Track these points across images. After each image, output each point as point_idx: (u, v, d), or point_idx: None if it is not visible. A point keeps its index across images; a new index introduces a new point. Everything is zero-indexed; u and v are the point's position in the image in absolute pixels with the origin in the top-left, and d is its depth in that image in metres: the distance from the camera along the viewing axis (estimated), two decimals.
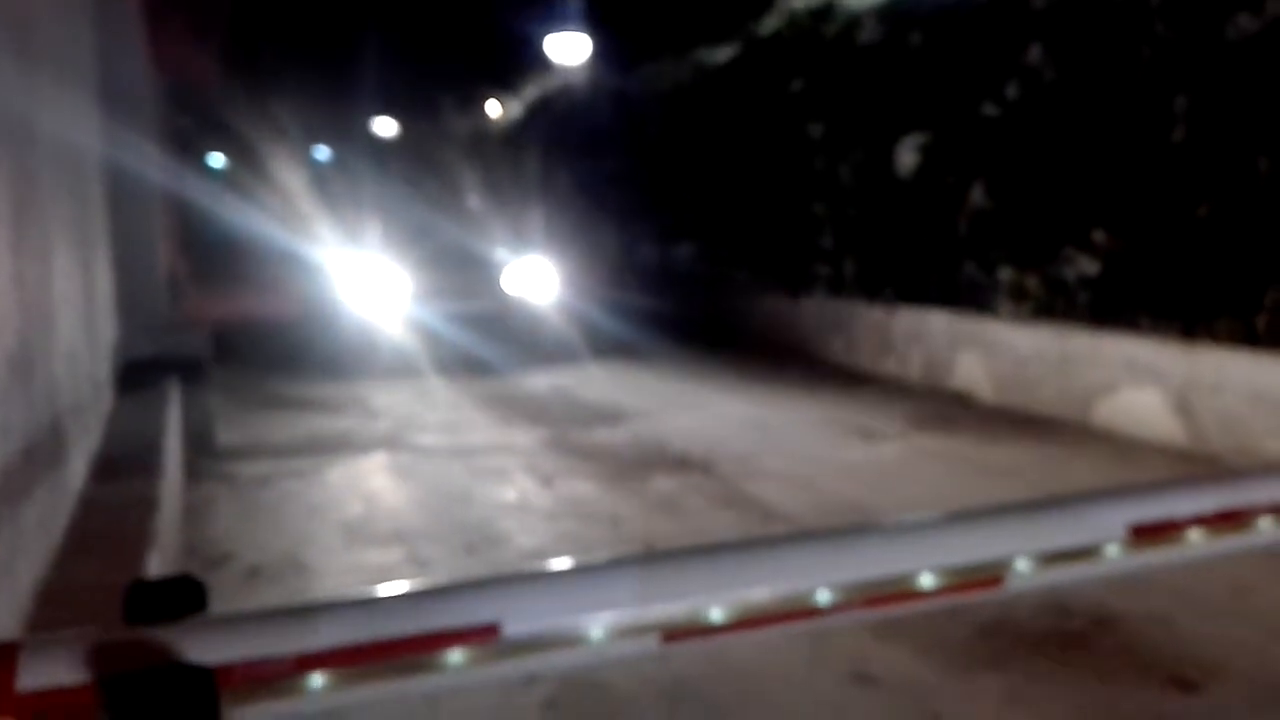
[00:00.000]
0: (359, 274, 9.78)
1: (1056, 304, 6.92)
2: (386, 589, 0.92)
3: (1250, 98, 5.37)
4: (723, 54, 10.97)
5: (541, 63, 16.02)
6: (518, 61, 16.82)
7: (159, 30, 8.40)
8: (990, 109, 7.15)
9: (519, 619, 0.90)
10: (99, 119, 5.60)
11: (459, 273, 10.22)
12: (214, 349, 7.04)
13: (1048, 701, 3.09)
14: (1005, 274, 7.34)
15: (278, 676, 0.85)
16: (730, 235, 11.13)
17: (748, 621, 0.97)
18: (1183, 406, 6.00)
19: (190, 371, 6.11)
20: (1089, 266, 6.52)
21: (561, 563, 0.97)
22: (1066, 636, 3.51)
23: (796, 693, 3.17)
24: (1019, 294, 7.26)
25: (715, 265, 11.55)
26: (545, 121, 16.29)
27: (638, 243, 13.39)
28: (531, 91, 16.99)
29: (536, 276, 10.51)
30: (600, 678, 3.19)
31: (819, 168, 9.27)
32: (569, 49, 14.97)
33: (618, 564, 1.00)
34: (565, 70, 15.53)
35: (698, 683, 3.18)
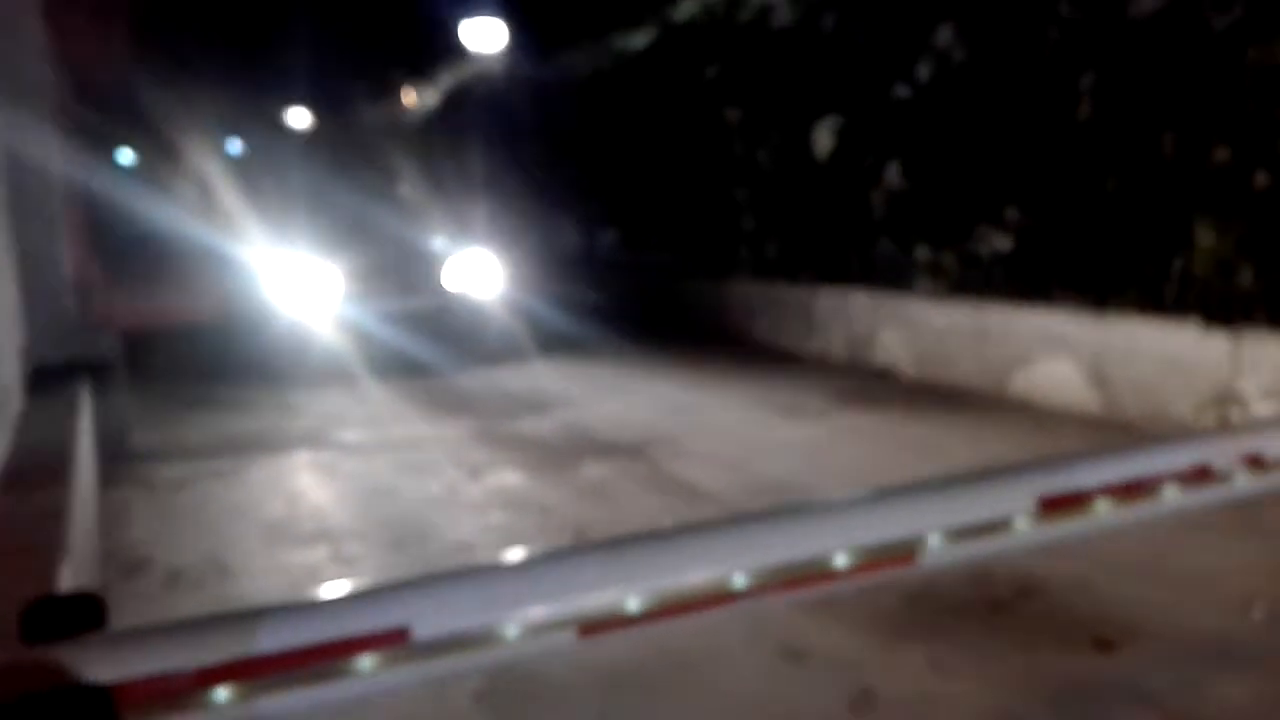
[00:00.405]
0: (285, 273, 8.99)
1: (972, 280, 7.07)
2: (292, 598, 0.89)
3: (1152, 74, 5.53)
4: (639, 40, 10.95)
5: (457, 50, 15.80)
6: (432, 49, 16.55)
7: (58, 17, 8.05)
8: (903, 90, 7.26)
9: (429, 621, 0.88)
10: None
11: (394, 268, 9.43)
12: (129, 355, 6.74)
13: (972, 668, 3.16)
14: (922, 252, 7.47)
15: (180, 691, 0.81)
16: (654, 221, 11.14)
17: (665, 610, 0.97)
18: (1096, 376, 6.18)
19: (101, 375, 5.91)
20: (1002, 243, 6.67)
21: (472, 562, 0.95)
22: (990, 604, 3.60)
23: (730, 671, 3.19)
24: (935, 271, 7.40)
25: (639, 252, 11.56)
26: (462, 110, 16.09)
27: (560, 232, 13.33)
28: (447, 80, 16.75)
29: (477, 270, 9.73)
30: (532, 668, 3.17)
31: (738, 152, 9.32)
32: (484, 36, 14.76)
33: (529, 560, 0.99)
34: (481, 58, 15.32)
35: (631, 667, 3.18)
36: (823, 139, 8.09)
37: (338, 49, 17.94)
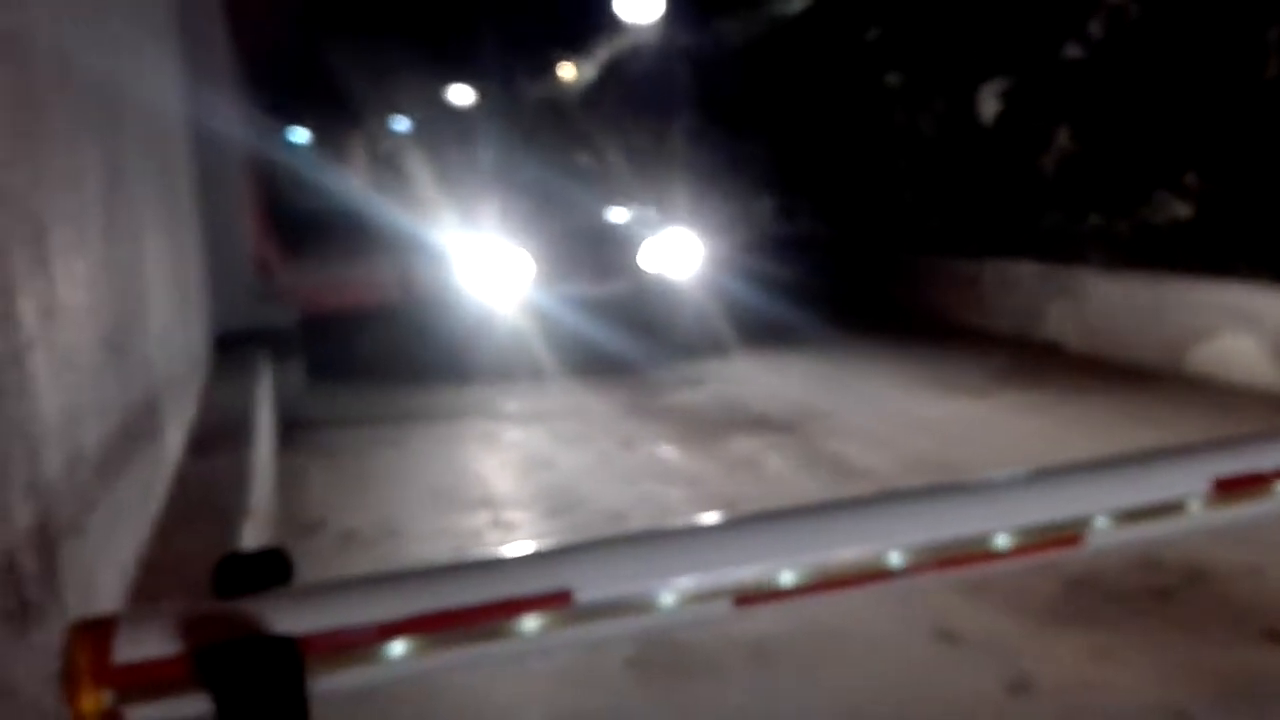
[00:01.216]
0: (470, 255, 8.11)
1: (1148, 251, 6.69)
2: (463, 557, 0.95)
3: None
4: (796, 4, 10.74)
5: (612, 23, 15.91)
6: (589, 22, 16.72)
7: None
8: (1074, 50, 6.89)
9: (591, 585, 0.92)
10: (182, 83, 5.46)
11: (587, 250, 8.37)
12: (306, 340, 7.01)
13: (1136, 657, 3.03)
14: (1094, 220, 7.12)
15: (360, 644, 0.88)
16: (813, 192, 10.93)
17: (819, 585, 0.98)
18: None
19: (279, 345, 6.26)
20: (1182, 210, 6.28)
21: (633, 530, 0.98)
22: (1156, 591, 3.43)
23: (883, 651, 3.16)
24: (1108, 241, 7.04)
25: (798, 222, 11.36)
26: (620, 84, 16.15)
27: (712, 204, 13.21)
28: (603, 54, 16.87)
29: (677, 251, 8.58)
30: (683, 639, 3.20)
31: (901, 121, 9.05)
32: (640, 7, 14.82)
33: (688, 529, 1.01)
34: (638, 29, 15.38)
35: (782, 643, 3.18)
36: (989, 103, 7.78)
37: (497, 24, 18.35)
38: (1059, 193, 7.37)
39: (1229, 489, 1.07)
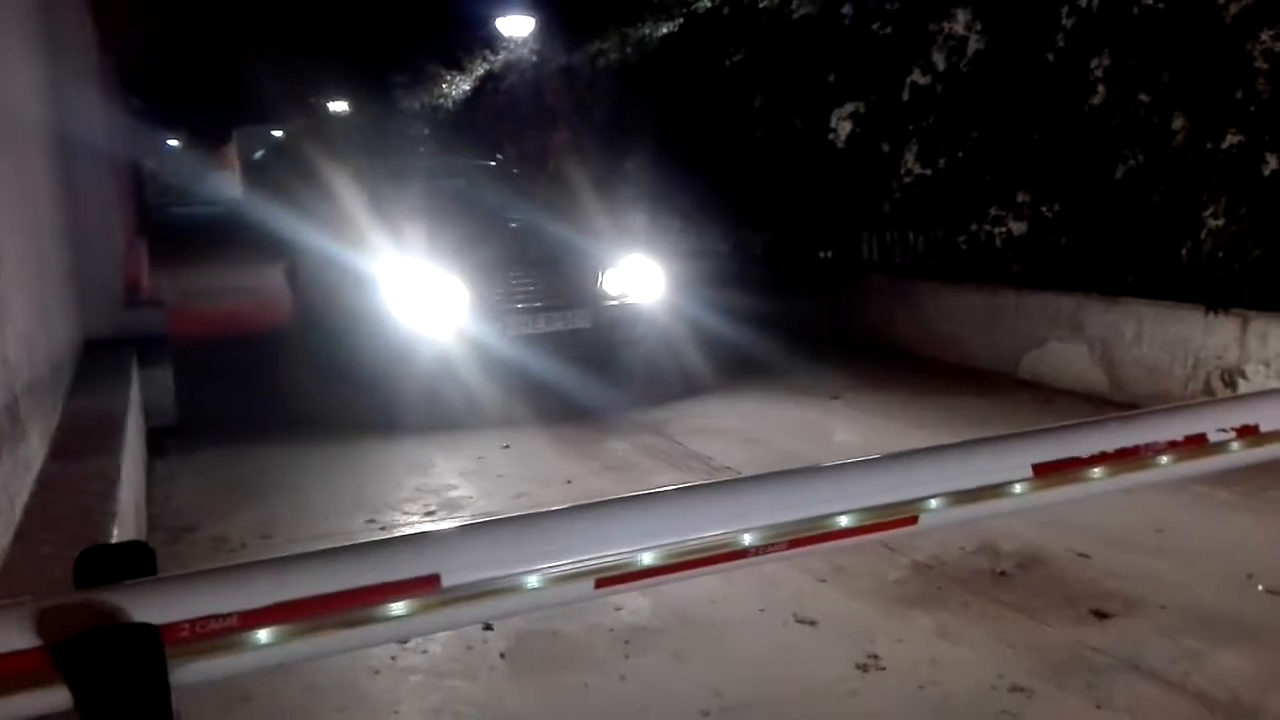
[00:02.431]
0: (384, 277, 6.43)
1: (985, 265, 7.11)
2: (330, 547, 0.96)
3: (1160, 59, 5.51)
4: (664, 28, 10.89)
5: (490, 38, 15.96)
6: (464, 38, 16.69)
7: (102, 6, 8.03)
8: (920, 78, 7.25)
9: (457, 569, 0.95)
10: (44, 87, 5.27)
11: (537, 277, 6.73)
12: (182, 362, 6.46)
13: (977, 635, 3.23)
14: (935, 236, 7.51)
15: (223, 633, 0.88)
16: (687, 209, 11.02)
17: (676, 565, 1.03)
18: (1106, 358, 6.23)
19: (149, 349, 5.98)
20: (1015, 227, 6.67)
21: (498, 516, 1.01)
22: (995, 575, 3.67)
23: (745, 637, 3.29)
24: (947, 255, 7.43)
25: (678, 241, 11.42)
26: (493, 99, 16.00)
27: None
28: (479, 68, 16.74)
29: (636, 277, 7.08)
30: (557, 627, 3.29)
31: (764, 142, 9.28)
32: (514, 23, 15.04)
33: (550, 514, 1.05)
34: (512, 45, 15.43)
35: (652, 632, 3.29)
36: (843, 126, 8.08)
37: (374, 39, 17.98)
38: (906, 211, 7.73)
39: (1049, 472, 1.18)
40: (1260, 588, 3.47)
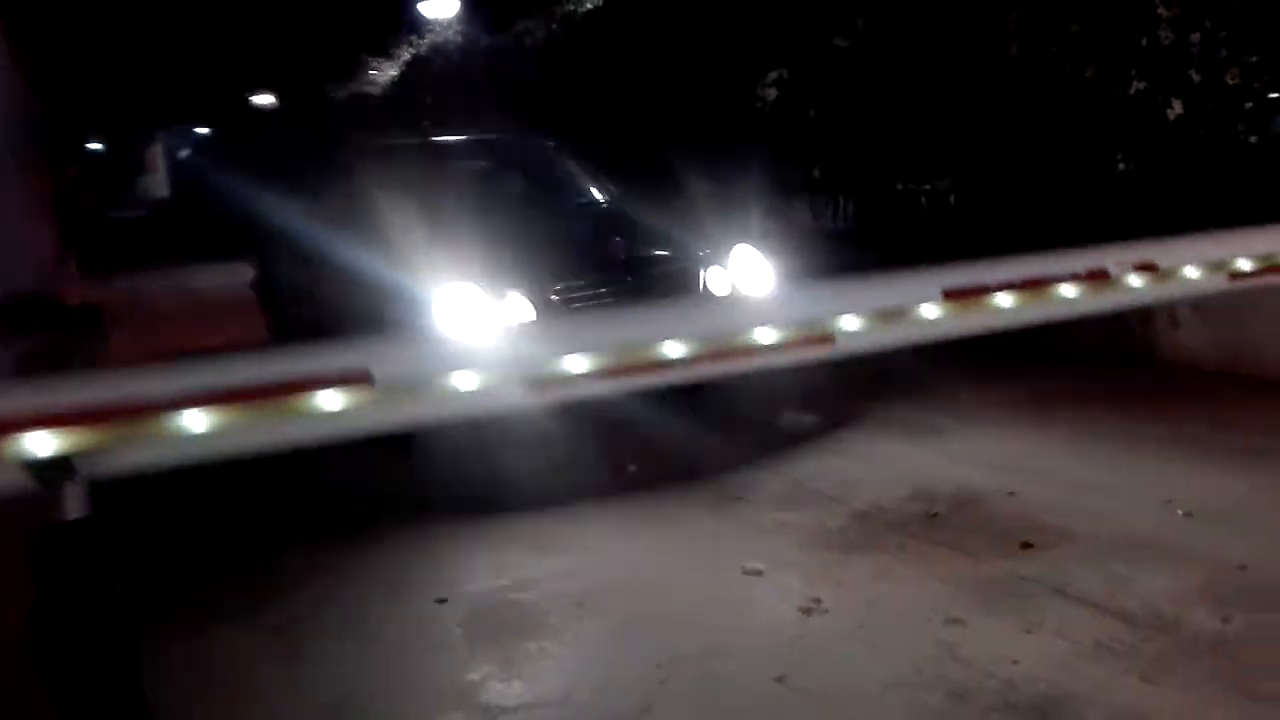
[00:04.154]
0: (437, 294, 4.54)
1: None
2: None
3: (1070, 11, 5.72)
4: (589, 3, 10.89)
5: (412, 23, 15.78)
6: (389, 23, 16.44)
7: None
8: (842, 41, 7.43)
9: (389, 367, 0.97)
10: None
11: (623, 285, 4.87)
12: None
13: (914, 574, 3.32)
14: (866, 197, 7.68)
15: (153, 412, 0.89)
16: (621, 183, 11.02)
17: (606, 373, 1.06)
18: None
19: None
20: (938, 184, 6.86)
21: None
22: (929, 517, 3.77)
23: (693, 592, 3.33)
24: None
25: None
26: (420, 83, 15.81)
27: None
28: (403, 53, 16.57)
29: (747, 275, 5.23)
30: (514, 598, 3.33)
31: (693, 112, 9.34)
32: (438, 5, 14.96)
33: (485, 330, 1.07)
34: (438, 28, 15.33)
35: (604, 595, 3.32)
36: (769, 92, 8.22)
37: (297, 28, 17.68)
38: (828, 173, 7.88)
39: (958, 297, 1.24)
40: (1180, 512, 3.60)
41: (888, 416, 5.09)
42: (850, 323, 1.16)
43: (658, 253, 5.24)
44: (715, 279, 5.14)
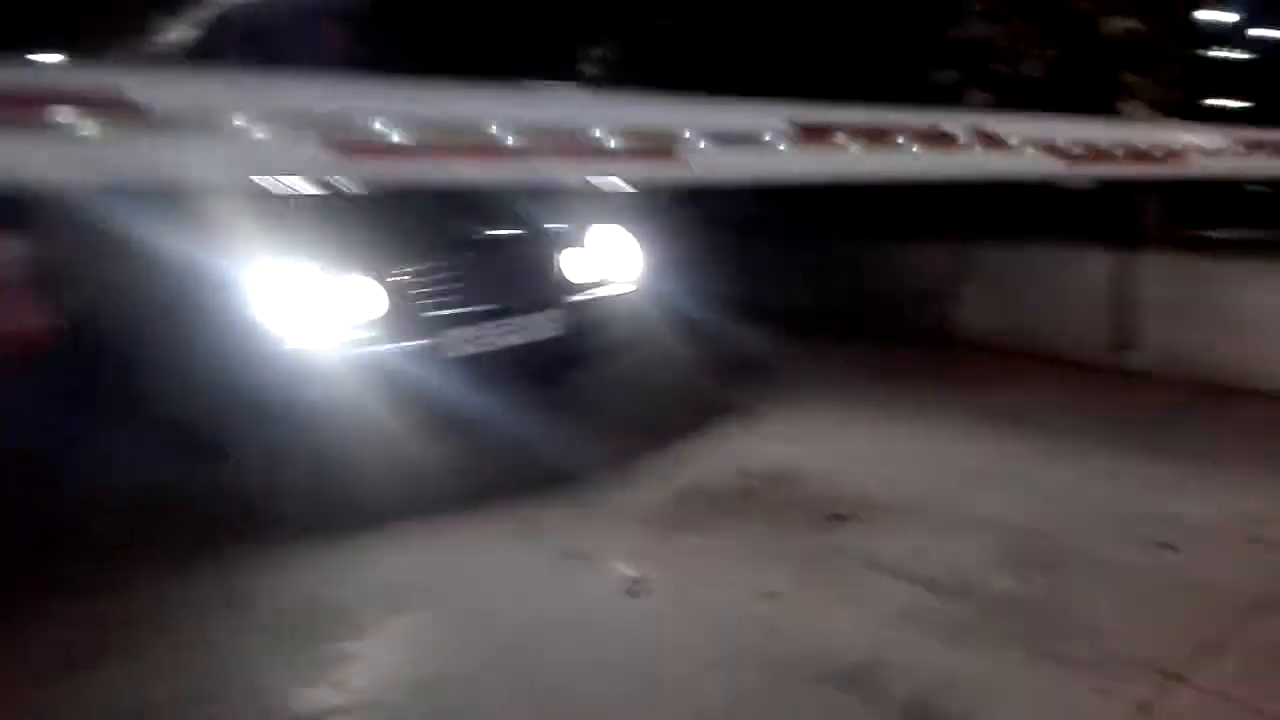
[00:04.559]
0: (255, 277, 3.93)
1: None
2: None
3: None
4: None
5: None
6: None
7: None
8: (665, 21, 7.58)
9: (158, 97, 0.79)
10: None
11: (482, 271, 4.42)
12: None
13: (732, 549, 3.29)
14: None
15: None
16: None
17: (427, 148, 0.92)
18: None
19: None
20: None
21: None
22: (746, 493, 3.77)
23: (516, 578, 3.18)
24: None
25: None
26: (231, 38, 14.76)
27: None
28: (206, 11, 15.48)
29: (611, 256, 4.89)
30: (318, 593, 3.07)
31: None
32: None
33: (283, 71, 0.91)
34: None
35: (421, 587, 3.12)
36: (588, 68, 8.26)
37: None
38: None
39: (808, 136, 1.17)
40: (981, 482, 3.76)
41: (714, 399, 5.04)
42: (696, 138, 1.06)
43: (509, 232, 4.63)
44: (572, 259, 4.69)
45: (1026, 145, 1.39)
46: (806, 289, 6.59)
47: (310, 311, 3.90)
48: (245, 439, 3.91)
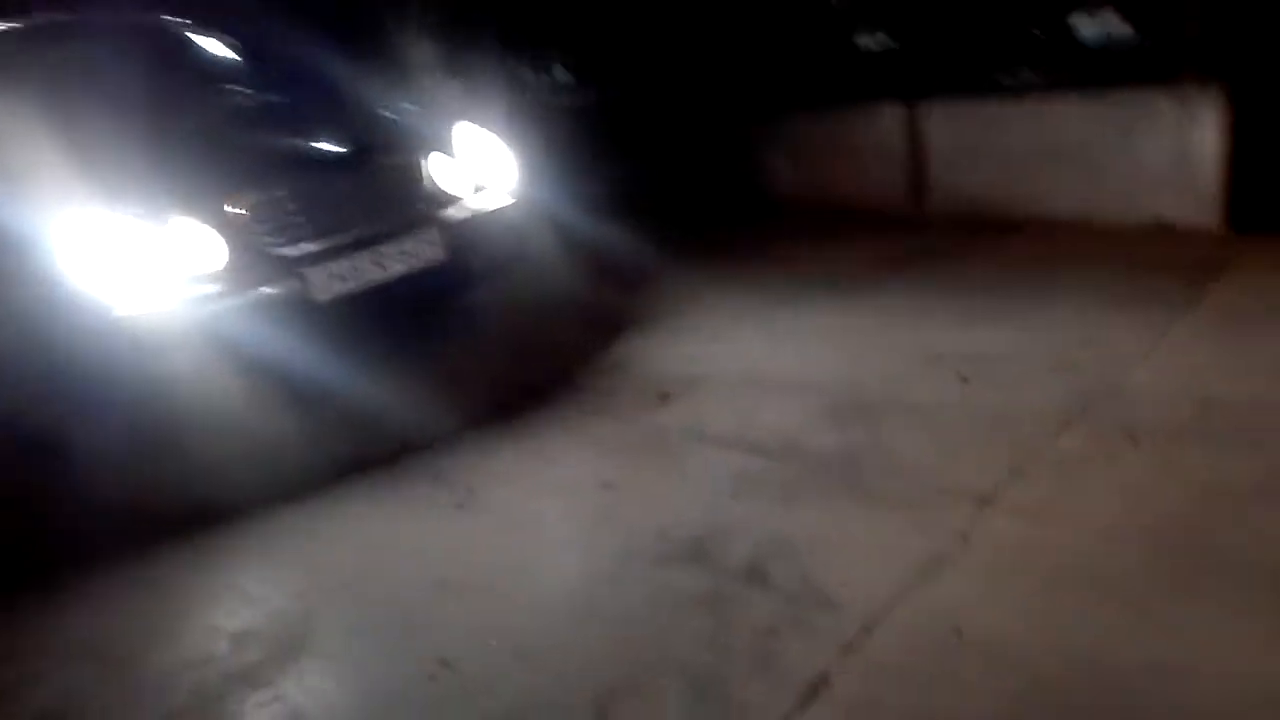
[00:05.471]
0: (62, 228, 3.24)
1: None
2: None
3: None
4: None
5: None
6: None
7: None
8: None
9: None
10: None
11: (332, 192, 3.72)
12: None
13: (569, 444, 3.33)
14: None
15: None
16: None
17: None
18: None
19: None
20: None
21: None
22: (579, 389, 3.80)
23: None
24: None
25: None
26: None
27: None
28: None
29: (480, 162, 4.27)
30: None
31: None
32: None
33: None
34: None
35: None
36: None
37: None
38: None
39: None
40: (799, 346, 3.88)
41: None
42: None
43: (364, 144, 3.98)
44: (439, 166, 4.08)
45: None
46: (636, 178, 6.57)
47: (135, 270, 3.27)
48: (82, 429, 3.35)
